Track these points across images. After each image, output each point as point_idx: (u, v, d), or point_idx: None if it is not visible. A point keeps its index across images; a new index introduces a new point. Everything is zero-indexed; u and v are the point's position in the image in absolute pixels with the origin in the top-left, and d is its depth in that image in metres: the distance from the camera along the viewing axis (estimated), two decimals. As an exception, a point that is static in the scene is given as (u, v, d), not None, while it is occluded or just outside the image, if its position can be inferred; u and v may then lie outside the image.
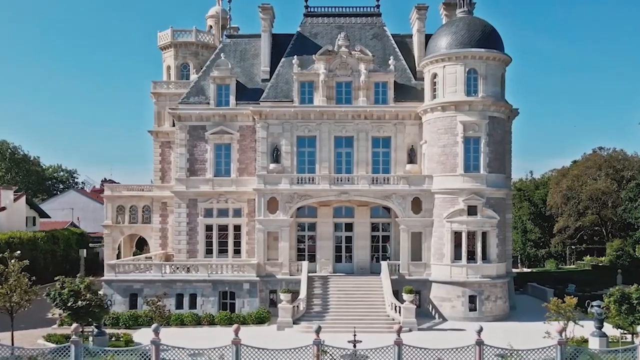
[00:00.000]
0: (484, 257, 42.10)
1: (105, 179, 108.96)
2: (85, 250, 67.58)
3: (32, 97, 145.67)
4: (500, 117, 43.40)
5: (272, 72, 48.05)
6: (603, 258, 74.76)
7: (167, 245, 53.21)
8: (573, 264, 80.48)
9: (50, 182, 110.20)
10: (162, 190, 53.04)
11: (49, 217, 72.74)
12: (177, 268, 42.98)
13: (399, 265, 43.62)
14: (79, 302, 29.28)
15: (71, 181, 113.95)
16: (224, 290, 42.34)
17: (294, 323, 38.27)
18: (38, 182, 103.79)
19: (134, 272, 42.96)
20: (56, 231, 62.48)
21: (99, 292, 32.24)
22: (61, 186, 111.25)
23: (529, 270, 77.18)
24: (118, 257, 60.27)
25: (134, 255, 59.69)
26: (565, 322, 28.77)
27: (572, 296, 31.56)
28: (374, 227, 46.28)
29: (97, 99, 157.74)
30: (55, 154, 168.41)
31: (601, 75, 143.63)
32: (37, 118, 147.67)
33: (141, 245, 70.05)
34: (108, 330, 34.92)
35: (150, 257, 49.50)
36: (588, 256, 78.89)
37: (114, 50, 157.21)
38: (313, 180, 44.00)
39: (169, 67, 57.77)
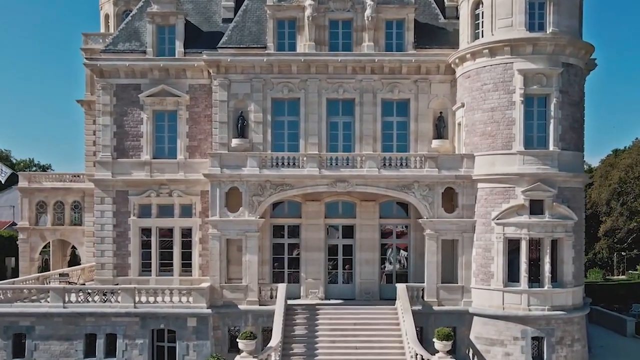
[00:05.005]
0: (554, 278, 27.72)
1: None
2: (13, 258, 53.85)
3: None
4: (578, 65, 28.76)
5: (237, 9, 33.67)
6: (663, 267, 60.62)
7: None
8: (623, 274, 66.02)
9: None
10: (96, 180, 38.48)
11: (-26, 217, 58.50)
12: (89, 294, 28.46)
13: (422, 290, 29.16)
14: None
15: None
16: (159, 329, 27.95)
17: (259, 387, 24.08)
18: (7, 178, 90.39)
19: (20, 300, 28.53)
20: (-31, 236, 48.13)
21: None
22: None
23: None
24: (44, 270, 46.28)
25: (69, 267, 45.39)
26: None
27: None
28: (385, 232, 31.84)
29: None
30: (32, 149, 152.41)
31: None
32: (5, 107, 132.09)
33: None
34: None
35: (67, 274, 35.05)
36: (643, 264, 64.42)
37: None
38: (295, 161, 29.49)
39: (107, 16, 43.29)
